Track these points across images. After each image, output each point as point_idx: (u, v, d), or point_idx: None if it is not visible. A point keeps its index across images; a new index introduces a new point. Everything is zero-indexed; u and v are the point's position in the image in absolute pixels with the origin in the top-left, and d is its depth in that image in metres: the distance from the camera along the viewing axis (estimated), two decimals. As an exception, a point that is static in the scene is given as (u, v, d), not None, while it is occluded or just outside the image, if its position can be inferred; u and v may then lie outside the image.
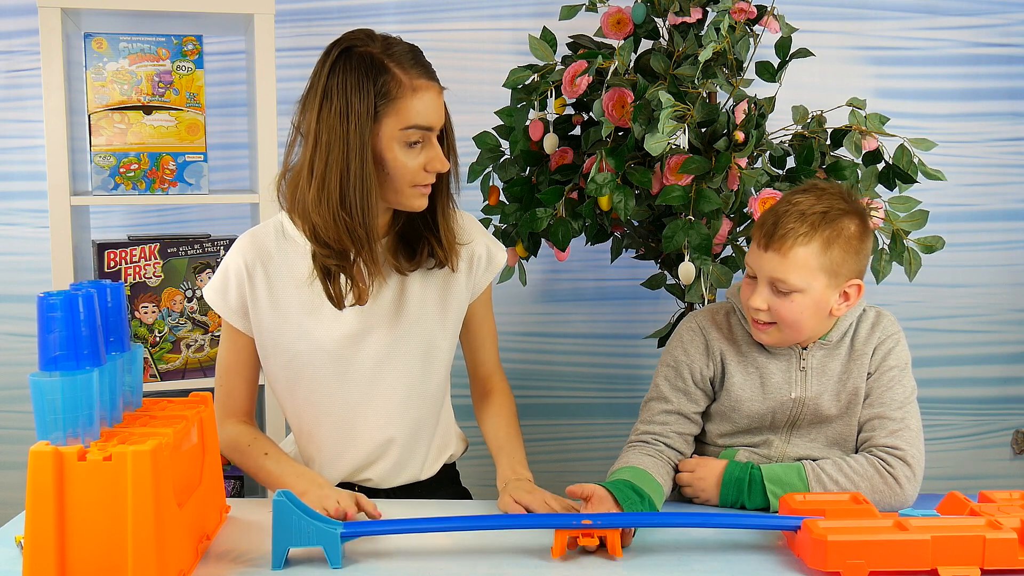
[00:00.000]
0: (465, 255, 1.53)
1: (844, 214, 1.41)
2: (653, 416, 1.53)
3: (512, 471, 1.47)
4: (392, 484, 1.55)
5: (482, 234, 1.57)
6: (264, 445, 1.49)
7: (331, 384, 1.49)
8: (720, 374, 1.52)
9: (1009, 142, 2.60)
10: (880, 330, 1.50)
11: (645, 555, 1.25)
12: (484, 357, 1.62)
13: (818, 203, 1.41)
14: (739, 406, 1.50)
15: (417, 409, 1.52)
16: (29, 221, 2.29)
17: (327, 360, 1.47)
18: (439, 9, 2.39)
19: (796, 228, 1.39)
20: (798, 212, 1.40)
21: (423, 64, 1.38)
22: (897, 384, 1.47)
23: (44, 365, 1.08)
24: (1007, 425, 2.70)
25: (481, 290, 1.57)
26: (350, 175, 1.35)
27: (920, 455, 1.43)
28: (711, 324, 1.54)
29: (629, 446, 1.52)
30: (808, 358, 1.49)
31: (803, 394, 1.48)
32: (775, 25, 1.86)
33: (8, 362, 2.31)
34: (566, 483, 1.32)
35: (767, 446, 1.51)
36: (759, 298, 1.43)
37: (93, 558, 1.06)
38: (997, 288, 2.64)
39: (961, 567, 1.18)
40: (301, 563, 1.21)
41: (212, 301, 1.48)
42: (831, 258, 1.40)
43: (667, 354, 1.56)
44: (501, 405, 1.59)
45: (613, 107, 1.81)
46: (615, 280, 2.50)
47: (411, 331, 1.49)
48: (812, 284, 1.40)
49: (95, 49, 1.95)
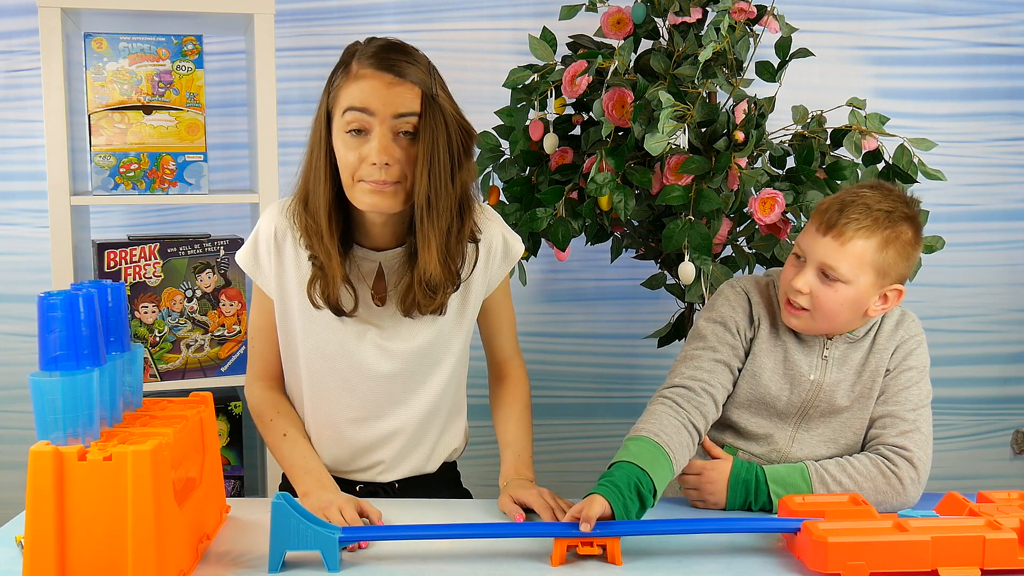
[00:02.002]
0: (482, 249, 1.48)
1: (906, 218, 1.42)
2: (701, 364, 1.48)
3: (515, 470, 1.47)
4: (393, 476, 1.54)
5: (499, 224, 1.52)
6: (284, 424, 1.49)
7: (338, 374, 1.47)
8: (755, 337, 1.52)
9: (1009, 142, 2.60)
10: (904, 329, 1.50)
11: (645, 558, 1.25)
12: (501, 343, 1.60)
13: (884, 201, 1.41)
14: (759, 374, 1.50)
15: (426, 403, 1.51)
16: (29, 221, 2.29)
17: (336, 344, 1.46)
18: (439, 9, 2.39)
19: (860, 220, 1.39)
20: (864, 205, 1.40)
21: (381, 57, 1.32)
22: (914, 386, 1.47)
23: (44, 365, 1.08)
24: (1007, 425, 2.70)
25: (497, 283, 1.54)
26: (311, 171, 1.37)
27: (927, 459, 1.43)
28: (755, 288, 1.54)
29: (664, 396, 1.45)
30: (832, 349, 1.49)
31: (822, 379, 1.48)
32: (775, 25, 1.86)
33: (8, 362, 2.31)
34: (566, 483, 1.32)
35: (767, 443, 1.51)
36: (803, 280, 1.43)
37: (93, 558, 1.06)
38: (997, 288, 2.64)
39: (961, 568, 1.18)
40: (299, 566, 1.21)
41: (243, 263, 1.48)
42: (885, 258, 1.40)
43: (710, 311, 1.54)
44: (514, 395, 1.58)
45: (613, 107, 1.81)
46: (615, 280, 2.50)
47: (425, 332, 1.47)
48: (860, 278, 1.40)
49: (95, 49, 1.95)
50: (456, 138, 1.34)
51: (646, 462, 1.33)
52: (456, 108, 1.37)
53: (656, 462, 1.34)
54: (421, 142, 1.31)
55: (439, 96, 1.34)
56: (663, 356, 2.28)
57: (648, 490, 1.31)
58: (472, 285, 1.49)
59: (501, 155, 2.02)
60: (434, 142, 1.31)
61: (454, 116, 1.35)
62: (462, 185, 1.38)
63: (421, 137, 1.32)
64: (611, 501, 1.26)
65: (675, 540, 1.31)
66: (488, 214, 1.52)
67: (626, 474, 1.31)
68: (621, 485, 1.29)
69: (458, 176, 1.35)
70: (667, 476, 1.35)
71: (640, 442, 1.37)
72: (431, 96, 1.32)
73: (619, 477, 1.30)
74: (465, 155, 1.37)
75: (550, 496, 1.38)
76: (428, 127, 1.31)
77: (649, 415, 1.43)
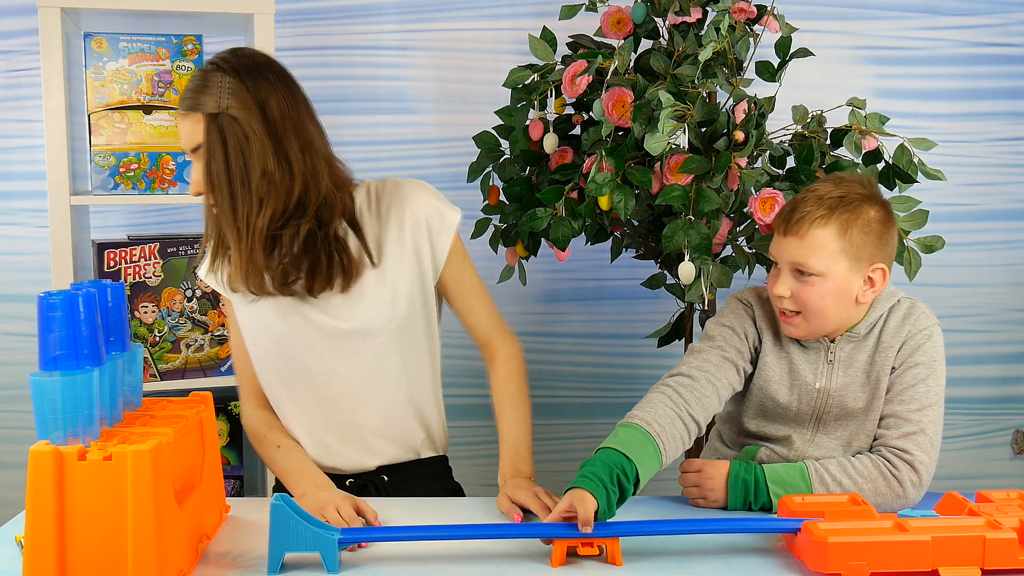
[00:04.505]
0: (408, 221, 1.51)
1: (864, 199, 1.42)
2: (709, 357, 1.48)
3: (512, 467, 1.47)
4: (377, 460, 1.56)
5: (429, 195, 1.54)
6: (277, 437, 1.55)
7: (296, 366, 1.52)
8: (760, 348, 1.52)
9: (1009, 142, 2.60)
10: (911, 323, 1.48)
11: (645, 559, 1.25)
12: (477, 319, 1.59)
13: (836, 189, 1.43)
14: (767, 387, 1.50)
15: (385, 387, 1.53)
16: (29, 221, 2.29)
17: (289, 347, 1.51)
18: (439, 9, 2.39)
19: (813, 211, 1.40)
20: (816, 197, 1.42)
21: (184, 93, 1.44)
22: (920, 383, 1.45)
23: (44, 365, 1.08)
24: (1007, 425, 2.70)
25: (444, 255, 1.54)
26: None
27: (931, 462, 1.41)
28: (757, 300, 1.55)
29: (665, 385, 1.45)
30: (836, 351, 1.48)
31: (828, 385, 1.48)
32: (775, 25, 1.86)
33: (8, 362, 2.31)
34: (566, 483, 1.31)
35: (788, 445, 1.51)
36: (782, 285, 1.43)
37: (93, 558, 1.07)
38: (997, 288, 2.64)
39: (961, 567, 1.18)
40: (298, 567, 1.21)
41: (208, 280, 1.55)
42: (851, 241, 1.40)
43: (721, 317, 1.55)
44: (505, 377, 1.57)
45: (613, 107, 1.80)
46: (615, 280, 2.50)
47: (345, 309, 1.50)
48: (833, 268, 1.41)
49: (95, 49, 1.95)
50: (250, 137, 1.40)
51: (632, 451, 1.32)
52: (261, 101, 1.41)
53: (643, 451, 1.33)
54: (204, 162, 1.42)
55: (225, 108, 1.39)
56: (663, 356, 2.28)
57: (630, 479, 1.30)
58: (386, 253, 1.50)
59: (501, 155, 2.02)
60: (209, 160, 1.41)
61: (251, 117, 1.39)
62: (266, 177, 1.41)
63: (204, 159, 1.42)
64: (596, 496, 1.25)
65: (675, 540, 1.31)
66: (414, 189, 1.53)
67: (608, 464, 1.30)
68: (604, 477, 1.28)
69: (253, 176, 1.40)
70: (653, 467, 1.34)
71: (630, 430, 1.36)
72: (209, 115, 1.39)
73: (600, 468, 1.29)
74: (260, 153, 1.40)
75: (546, 495, 1.38)
76: (207, 147, 1.40)
77: (646, 402, 1.42)
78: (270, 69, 1.44)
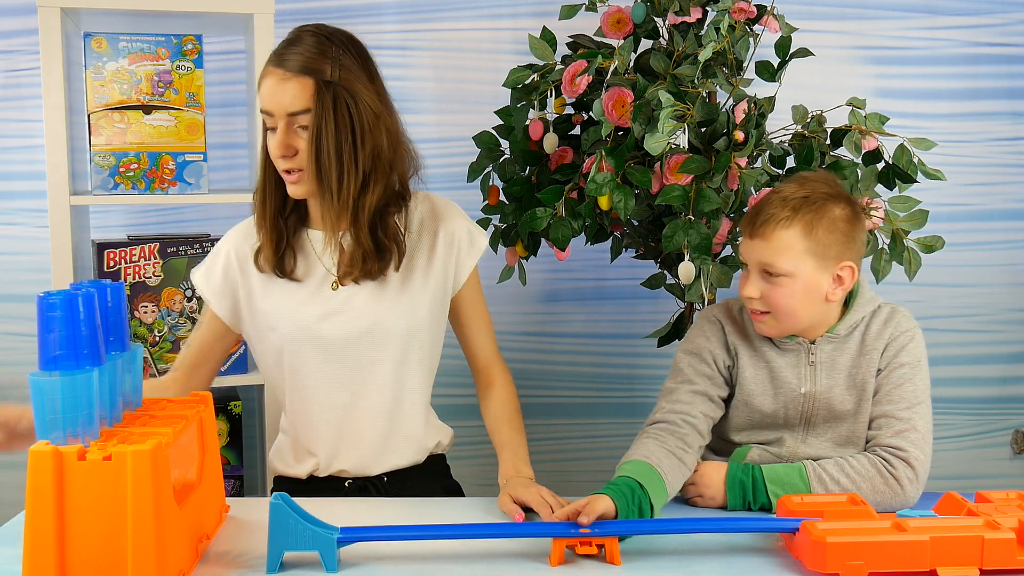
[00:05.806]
0: (443, 239, 1.55)
1: (828, 198, 1.43)
2: (679, 397, 1.50)
3: (514, 468, 1.48)
4: (378, 468, 1.57)
5: (462, 217, 1.60)
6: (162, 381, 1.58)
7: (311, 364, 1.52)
8: (735, 366, 1.53)
9: (1009, 142, 2.60)
10: (893, 326, 1.49)
11: (644, 559, 1.25)
12: (481, 342, 1.63)
13: (800, 189, 1.44)
14: (751, 400, 1.51)
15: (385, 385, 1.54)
16: (29, 221, 2.29)
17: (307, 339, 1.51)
18: (439, 9, 2.39)
19: (777, 213, 1.42)
20: (780, 198, 1.44)
21: (278, 52, 1.43)
22: (907, 382, 1.46)
23: (44, 365, 1.08)
24: (1007, 425, 2.70)
25: (465, 276, 1.58)
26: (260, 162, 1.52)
27: (925, 458, 1.42)
28: (726, 316, 1.56)
29: (648, 432, 1.47)
30: (817, 352, 1.49)
31: (812, 388, 1.48)
32: (775, 25, 1.86)
33: (8, 362, 2.31)
34: (566, 483, 1.32)
35: (780, 444, 1.51)
36: (751, 287, 1.45)
37: (93, 558, 1.07)
38: (997, 288, 2.64)
39: (960, 567, 1.18)
40: (297, 567, 1.21)
41: (198, 283, 1.59)
42: (816, 240, 1.41)
43: (687, 343, 1.57)
44: (503, 399, 1.60)
45: (613, 107, 1.80)
46: (615, 280, 2.50)
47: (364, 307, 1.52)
48: (800, 268, 1.42)
49: (95, 49, 1.95)
50: (362, 112, 1.41)
51: (643, 479, 1.34)
52: (368, 81, 1.44)
53: (651, 480, 1.35)
54: (309, 131, 1.40)
55: (337, 78, 1.40)
56: (663, 356, 2.28)
57: (646, 506, 1.32)
58: (415, 264, 1.53)
59: (501, 155, 2.02)
60: (321, 129, 1.39)
61: (363, 92, 1.42)
62: (373, 155, 1.43)
63: (310, 126, 1.40)
64: (616, 500, 1.28)
65: (674, 540, 1.31)
66: (447, 206, 1.59)
67: (628, 482, 1.33)
68: (625, 489, 1.31)
69: (361, 152, 1.42)
70: (662, 496, 1.36)
71: (634, 463, 1.38)
72: (324, 82, 1.39)
73: (623, 482, 1.32)
74: (370, 129, 1.42)
75: (549, 495, 1.38)
76: (317, 116, 1.39)
77: (637, 446, 1.44)
78: (367, 52, 1.48)
